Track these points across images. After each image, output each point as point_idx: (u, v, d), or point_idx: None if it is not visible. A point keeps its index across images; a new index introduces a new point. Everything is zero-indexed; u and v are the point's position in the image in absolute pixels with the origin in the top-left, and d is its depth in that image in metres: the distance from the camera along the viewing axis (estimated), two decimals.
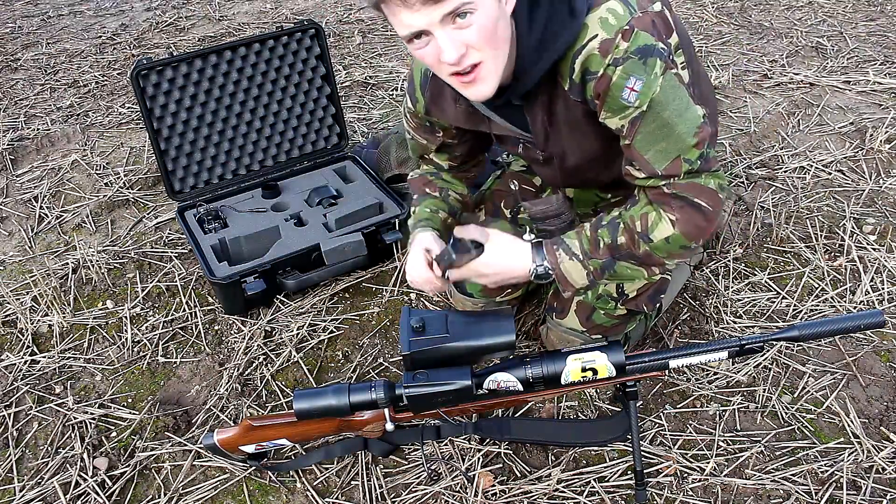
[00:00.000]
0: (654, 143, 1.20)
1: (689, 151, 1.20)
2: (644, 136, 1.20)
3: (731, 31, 3.19)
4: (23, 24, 3.82)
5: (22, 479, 1.51)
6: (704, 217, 1.25)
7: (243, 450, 1.40)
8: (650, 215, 1.27)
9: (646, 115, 1.18)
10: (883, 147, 2.30)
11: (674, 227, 1.25)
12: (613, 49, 1.13)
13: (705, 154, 1.22)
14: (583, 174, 1.47)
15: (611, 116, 1.20)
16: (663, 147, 1.20)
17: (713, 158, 1.25)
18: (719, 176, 1.26)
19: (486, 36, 1.11)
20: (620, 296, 1.48)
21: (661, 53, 1.14)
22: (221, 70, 2.10)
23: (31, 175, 2.52)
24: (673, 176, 1.23)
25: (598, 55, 1.14)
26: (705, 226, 1.26)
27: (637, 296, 1.49)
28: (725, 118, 2.54)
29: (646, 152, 1.22)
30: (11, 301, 1.90)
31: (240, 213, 2.07)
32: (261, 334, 1.80)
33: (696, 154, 1.21)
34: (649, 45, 1.13)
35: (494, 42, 1.13)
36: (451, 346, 1.21)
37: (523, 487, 1.39)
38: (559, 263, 1.32)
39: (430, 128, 1.51)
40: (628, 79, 1.14)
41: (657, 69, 1.14)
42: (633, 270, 1.34)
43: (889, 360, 1.62)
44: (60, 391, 1.70)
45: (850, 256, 1.88)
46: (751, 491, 1.37)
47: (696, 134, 1.19)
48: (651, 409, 1.54)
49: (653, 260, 1.31)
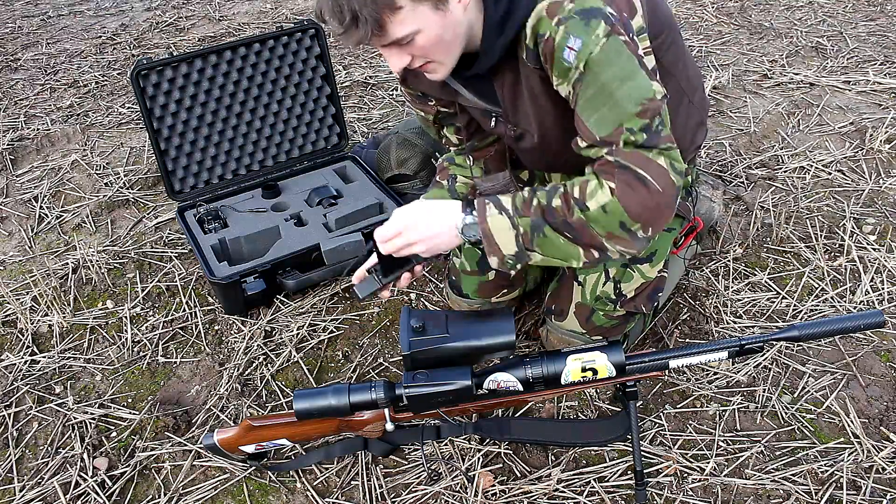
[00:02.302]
0: (595, 108, 1.14)
1: (631, 120, 1.12)
2: (585, 101, 1.14)
3: (731, 31, 3.18)
4: (23, 24, 3.82)
5: (22, 479, 1.51)
6: (649, 192, 1.13)
7: (243, 450, 1.40)
8: (590, 182, 1.16)
9: (585, 77, 1.12)
10: (883, 147, 2.30)
11: (612, 194, 1.13)
12: (559, 10, 1.11)
13: (653, 127, 1.13)
14: (558, 154, 1.37)
15: (561, 83, 1.17)
16: (604, 113, 1.13)
17: (666, 136, 1.15)
18: (673, 156, 1.15)
19: (428, 50, 1.17)
20: (619, 297, 1.48)
21: (608, 17, 1.10)
22: (221, 70, 2.10)
23: (31, 175, 2.52)
24: (613, 143, 1.14)
25: (546, 17, 1.12)
26: (650, 204, 1.13)
27: (635, 296, 1.49)
28: (725, 118, 2.54)
29: (587, 119, 1.15)
30: (11, 301, 1.90)
31: (240, 213, 2.07)
32: (261, 334, 1.80)
33: (638, 124, 1.12)
34: (595, 7, 1.10)
35: (440, 50, 1.18)
36: (451, 347, 1.22)
37: (523, 487, 1.39)
38: (487, 217, 1.20)
39: (422, 97, 1.51)
40: (568, 38, 1.11)
41: (599, 31, 1.10)
42: (568, 247, 1.19)
43: (889, 360, 1.62)
44: (60, 391, 1.70)
45: (850, 256, 1.88)
46: (751, 491, 1.37)
47: (640, 104, 1.11)
48: (651, 409, 1.54)
49: (589, 235, 1.17)
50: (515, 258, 1.22)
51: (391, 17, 1.10)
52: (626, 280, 1.48)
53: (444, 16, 1.13)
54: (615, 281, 1.48)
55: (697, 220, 1.63)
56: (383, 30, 1.11)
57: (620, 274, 1.48)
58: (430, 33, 1.13)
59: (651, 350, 1.48)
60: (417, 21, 1.12)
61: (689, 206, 1.60)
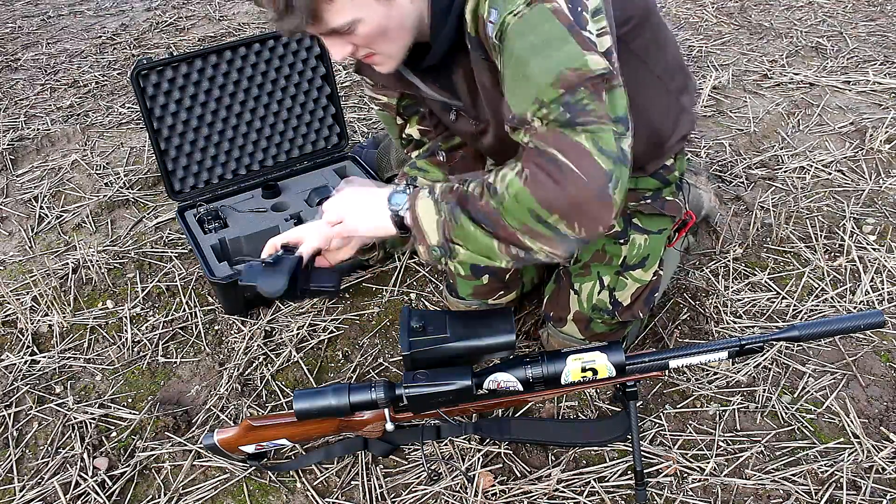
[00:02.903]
0: (514, 84, 1.02)
1: (545, 91, 0.97)
2: (506, 78, 1.03)
3: (731, 31, 3.18)
4: (23, 24, 3.81)
5: (22, 479, 1.51)
6: (566, 178, 0.97)
7: (243, 450, 1.40)
8: (507, 168, 1.04)
9: (503, 51, 1.01)
10: (883, 147, 2.30)
11: (521, 180, 1.00)
12: None
13: (575, 101, 0.97)
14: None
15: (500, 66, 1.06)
16: (519, 88, 1.01)
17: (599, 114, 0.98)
18: (604, 138, 0.97)
19: (371, 40, 1.10)
20: (615, 306, 1.47)
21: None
22: (221, 70, 2.10)
23: (31, 175, 2.52)
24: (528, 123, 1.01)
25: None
26: (570, 192, 0.97)
27: (632, 303, 1.48)
28: (725, 118, 2.54)
29: (509, 98, 1.04)
30: (11, 301, 1.90)
31: (240, 213, 2.07)
32: (261, 334, 1.80)
33: (552, 96, 0.97)
34: None
35: (384, 41, 1.11)
36: (451, 347, 1.21)
37: (523, 487, 1.39)
38: (416, 200, 1.12)
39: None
40: (490, 13, 1.02)
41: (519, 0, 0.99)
42: (486, 240, 1.06)
43: (889, 360, 1.62)
44: (60, 391, 1.70)
45: (850, 256, 1.88)
46: (751, 491, 1.37)
47: (559, 74, 0.96)
48: (651, 409, 1.54)
49: (503, 227, 1.04)
50: (440, 250, 1.11)
51: (327, 6, 1.03)
52: (620, 288, 1.47)
53: (388, 5, 1.07)
54: (610, 289, 1.47)
55: (690, 214, 1.57)
56: (318, 18, 1.04)
57: (614, 282, 1.47)
58: (371, 23, 1.07)
59: (651, 350, 1.48)
60: (357, 10, 1.05)
61: (680, 202, 1.51)
